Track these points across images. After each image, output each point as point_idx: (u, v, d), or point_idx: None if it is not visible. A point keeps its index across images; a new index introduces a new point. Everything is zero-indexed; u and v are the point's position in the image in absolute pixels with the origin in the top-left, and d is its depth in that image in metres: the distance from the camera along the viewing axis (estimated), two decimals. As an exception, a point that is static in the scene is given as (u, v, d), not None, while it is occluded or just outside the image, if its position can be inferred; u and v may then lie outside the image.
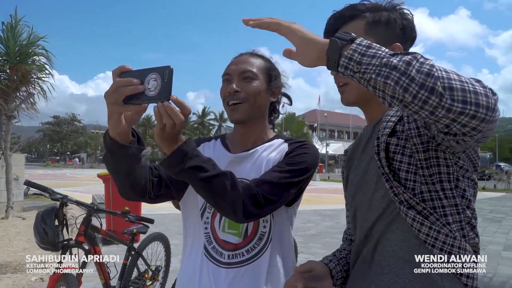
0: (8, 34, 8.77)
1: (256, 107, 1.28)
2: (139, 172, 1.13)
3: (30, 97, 9.22)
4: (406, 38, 1.08)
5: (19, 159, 9.72)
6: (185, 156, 1.02)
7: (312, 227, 8.63)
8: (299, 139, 1.36)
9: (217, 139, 1.42)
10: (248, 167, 1.27)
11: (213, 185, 1.06)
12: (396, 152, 0.95)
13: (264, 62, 1.34)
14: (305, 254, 5.97)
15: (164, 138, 1.00)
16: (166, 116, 0.95)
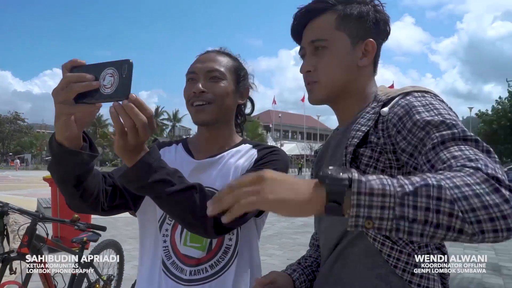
0: None
1: (223, 109, 1.19)
2: (91, 182, 1.01)
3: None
4: (380, 33, 1.03)
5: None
6: (149, 169, 0.91)
7: (268, 227, 8.63)
8: (268, 144, 1.29)
9: (178, 143, 1.31)
10: (214, 174, 1.18)
11: (181, 200, 0.96)
12: (369, 165, 0.89)
13: (233, 61, 1.26)
14: (262, 256, 5.86)
15: (125, 148, 0.87)
16: (125, 117, 0.82)
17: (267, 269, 1.17)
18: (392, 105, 0.88)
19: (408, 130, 0.82)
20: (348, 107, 1.03)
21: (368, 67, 1.02)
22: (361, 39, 1.00)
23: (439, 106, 0.83)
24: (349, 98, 1.02)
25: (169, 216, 1.09)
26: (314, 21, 1.02)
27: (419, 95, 0.87)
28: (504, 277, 4.91)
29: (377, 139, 0.89)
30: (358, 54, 1.00)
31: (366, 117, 0.93)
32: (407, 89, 0.92)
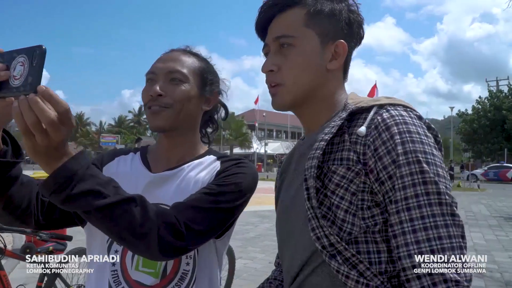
0: None
1: (183, 116, 1.05)
2: (18, 192, 0.89)
3: None
4: (352, 35, 0.92)
5: None
6: (72, 177, 0.75)
7: (251, 229, 8.51)
8: (235, 156, 1.15)
9: (136, 152, 1.16)
10: (172, 190, 1.04)
11: (115, 215, 0.81)
12: (340, 185, 0.78)
13: (199, 62, 1.12)
14: (243, 260, 5.81)
15: (36, 151, 0.72)
16: (27, 112, 0.67)
17: (249, 273, 1.03)
18: (368, 124, 0.79)
19: (383, 167, 0.75)
20: (315, 115, 0.92)
21: (337, 71, 0.92)
22: (332, 40, 0.89)
23: (416, 137, 0.75)
24: (315, 105, 0.91)
25: (106, 235, 0.94)
26: (281, 16, 0.91)
27: (396, 115, 0.78)
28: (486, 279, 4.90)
29: (356, 157, 0.78)
30: (328, 56, 0.89)
31: (331, 125, 0.83)
32: (381, 100, 0.83)
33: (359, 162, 0.77)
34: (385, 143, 0.75)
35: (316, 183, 0.79)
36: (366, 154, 0.77)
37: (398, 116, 0.77)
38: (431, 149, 0.75)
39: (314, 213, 0.77)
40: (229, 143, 37.11)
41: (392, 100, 0.83)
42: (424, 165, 0.72)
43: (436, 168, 0.73)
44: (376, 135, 0.77)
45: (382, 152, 0.75)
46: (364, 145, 0.77)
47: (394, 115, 0.78)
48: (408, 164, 0.72)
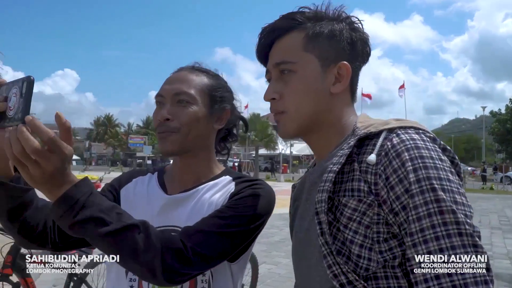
0: None
1: (192, 138, 1.03)
2: (33, 216, 0.91)
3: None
4: (356, 54, 0.88)
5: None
6: (75, 205, 0.76)
7: (275, 233, 8.47)
8: (250, 177, 1.11)
9: (154, 173, 1.16)
10: (187, 212, 1.03)
11: (119, 242, 0.81)
12: (352, 219, 0.73)
13: (207, 79, 1.09)
14: (267, 265, 5.78)
15: (35, 181, 0.73)
16: (14, 143, 0.69)
17: (273, 279, 0.99)
18: (378, 152, 0.74)
19: (396, 197, 0.70)
20: (323, 141, 0.88)
21: (343, 93, 0.87)
22: (333, 62, 0.85)
23: (429, 162, 0.69)
24: (323, 131, 0.87)
25: None
26: (280, 41, 0.88)
27: (407, 139, 0.73)
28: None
29: (368, 188, 0.73)
30: (330, 79, 0.85)
31: (339, 154, 0.78)
32: (390, 123, 0.78)
33: (370, 193, 0.72)
34: (396, 171, 0.70)
35: (328, 217, 0.75)
36: (378, 184, 0.72)
37: (409, 141, 0.72)
38: (446, 174, 0.69)
39: (329, 249, 0.73)
40: (254, 144, 37.15)
41: (403, 122, 0.78)
42: (439, 193, 0.67)
43: (453, 195, 0.67)
44: (386, 163, 0.72)
45: (393, 181, 0.70)
46: (375, 174, 0.73)
47: (405, 139, 0.73)
48: (422, 192, 0.67)
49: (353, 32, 0.87)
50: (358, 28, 0.88)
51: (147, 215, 1.02)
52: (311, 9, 0.89)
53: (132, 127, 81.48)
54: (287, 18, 0.88)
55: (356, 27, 0.88)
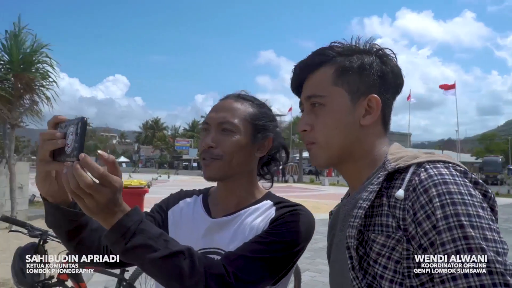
0: (11, 43, 8.73)
1: (234, 165, 1.08)
2: (88, 236, 0.98)
3: (34, 105, 9.17)
4: (387, 87, 0.90)
5: (23, 168, 9.69)
6: (126, 233, 0.83)
7: (320, 239, 8.32)
8: (291, 202, 1.13)
9: (200, 195, 1.22)
10: (229, 235, 1.07)
11: (165, 267, 0.86)
12: (381, 254, 0.74)
13: (252, 108, 1.13)
14: (311, 272, 5.75)
15: (90, 211, 0.81)
16: (71, 179, 0.76)
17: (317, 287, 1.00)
18: (406, 187, 0.74)
19: (423, 233, 0.70)
20: (355, 173, 0.90)
21: (374, 125, 0.89)
22: (363, 95, 0.88)
23: (457, 198, 0.69)
24: (354, 162, 0.89)
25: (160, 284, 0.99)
26: (312, 76, 0.92)
27: (435, 174, 0.73)
28: None
29: (396, 223, 0.74)
30: (360, 112, 0.88)
31: (369, 190, 0.79)
32: (420, 157, 0.78)
33: (399, 229, 0.73)
34: (424, 207, 0.70)
35: (359, 251, 0.76)
36: (406, 219, 0.72)
37: (437, 176, 0.72)
38: (476, 210, 0.68)
39: (359, 283, 0.75)
40: (298, 147, 36.92)
41: (432, 156, 0.78)
42: (468, 230, 0.66)
43: (483, 232, 0.66)
44: (414, 198, 0.72)
45: (421, 217, 0.70)
46: (403, 209, 0.73)
47: (433, 174, 0.73)
48: (450, 229, 0.67)
49: (384, 65, 0.89)
50: (389, 60, 0.90)
51: (192, 237, 1.08)
52: (343, 44, 0.91)
53: (178, 130, 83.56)
54: (318, 54, 0.91)
55: (387, 60, 0.89)
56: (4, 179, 8.93)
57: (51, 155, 0.83)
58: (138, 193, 7.29)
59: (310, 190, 22.85)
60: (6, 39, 8.76)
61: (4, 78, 8.83)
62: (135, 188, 7.29)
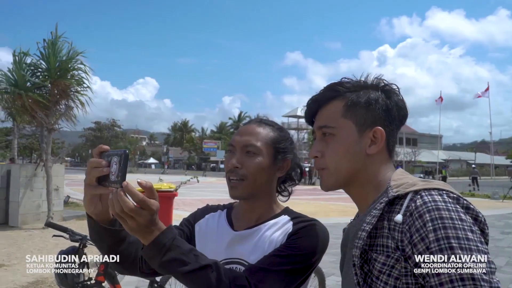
0: (49, 51, 9.13)
1: (257, 185, 1.20)
2: (126, 249, 1.11)
3: (69, 110, 9.55)
4: (392, 119, 1.00)
5: (59, 170, 10.08)
6: (162, 248, 0.96)
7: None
8: (307, 217, 1.24)
9: (224, 210, 1.35)
10: (250, 247, 1.19)
11: (195, 279, 0.98)
12: (382, 272, 0.83)
13: (273, 132, 1.25)
14: (336, 277, 5.77)
15: (131, 230, 0.94)
16: (115, 203, 0.90)
17: None
18: (404, 212, 0.84)
19: (418, 253, 0.79)
20: (361, 196, 1.01)
21: (379, 154, 0.99)
22: (369, 127, 0.98)
23: (448, 223, 0.78)
24: (360, 187, 0.99)
25: None
26: (324, 108, 1.03)
27: (429, 201, 0.82)
28: None
29: (395, 244, 0.83)
30: (366, 142, 0.98)
31: (372, 214, 0.89)
32: (417, 185, 0.87)
33: (397, 249, 0.82)
34: (419, 230, 0.79)
35: (364, 268, 0.86)
36: (403, 241, 0.82)
37: (431, 202, 0.81)
38: (465, 233, 0.77)
39: None
40: (326, 149, 36.61)
41: (428, 184, 0.87)
42: (457, 251, 0.74)
43: (470, 253, 0.75)
44: (411, 223, 0.81)
45: (416, 239, 0.79)
46: (401, 232, 0.82)
47: (427, 201, 0.82)
48: (441, 251, 0.76)
49: (388, 100, 1.00)
50: (394, 95, 1.00)
51: (216, 248, 1.20)
52: (352, 80, 1.02)
53: (206, 131, 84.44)
54: (330, 89, 1.02)
55: (392, 94, 1.00)
56: (41, 181, 9.33)
57: (97, 180, 0.95)
58: (167, 197, 7.46)
59: (337, 193, 22.54)
60: (44, 48, 9.17)
61: (42, 85, 9.23)
62: (164, 192, 7.47)
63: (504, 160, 59.65)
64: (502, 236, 9.46)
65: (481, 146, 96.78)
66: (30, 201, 9.21)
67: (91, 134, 72.36)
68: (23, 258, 6.16)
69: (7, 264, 5.91)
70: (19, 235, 7.99)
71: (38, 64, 9.36)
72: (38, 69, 9.42)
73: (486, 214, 6.59)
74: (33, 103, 8.86)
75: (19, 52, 9.11)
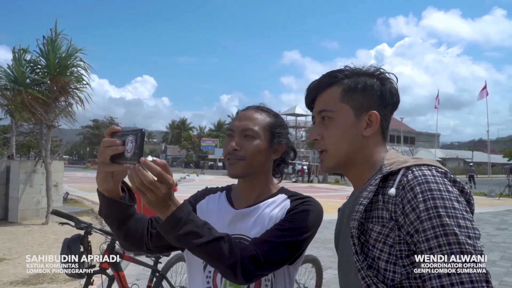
0: (48, 48, 9.15)
1: (255, 165, 1.28)
2: (134, 225, 1.18)
3: (69, 107, 9.58)
4: (385, 104, 1.07)
5: (58, 166, 10.13)
6: (178, 222, 1.03)
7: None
8: (303, 195, 1.35)
9: (223, 191, 1.43)
10: (250, 224, 1.28)
11: (210, 250, 1.06)
12: (378, 240, 0.91)
13: (269, 118, 1.34)
14: (333, 270, 5.85)
15: (150, 204, 1.01)
16: (135, 177, 0.96)
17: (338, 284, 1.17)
18: (397, 186, 0.91)
19: (410, 222, 0.86)
20: (358, 175, 1.07)
21: (374, 136, 1.07)
22: (365, 111, 1.05)
23: (436, 194, 0.85)
24: (357, 167, 1.07)
25: None
26: (323, 93, 1.10)
27: (420, 175, 0.89)
28: None
29: (389, 215, 0.90)
30: (362, 125, 1.05)
31: (368, 189, 0.96)
32: (408, 162, 0.95)
33: (391, 219, 0.89)
34: (410, 201, 0.87)
35: (361, 239, 0.93)
36: (396, 212, 0.89)
37: (420, 177, 0.89)
38: (451, 203, 0.84)
39: (361, 265, 0.91)
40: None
41: (418, 161, 0.95)
42: (444, 219, 0.82)
43: (456, 220, 0.82)
44: (403, 195, 0.89)
45: (408, 210, 0.87)
46: (394, 204, 0.90)
47: (417, 175, 0.89)
48: (430, 219, 0.83)
49: (383, 86, 1.07)
50: (388, 82, 1.08)
51: (218, 226, 1.27)
52: (350, 67, 1.10)
53: (204, 130, 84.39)
54: (329, 75, 1.10)
55: (386, 82, 1.07)
56: (41, 177, 9.38)
57: (110, 159, 1.01)
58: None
59: (334, 190, 22.76)
60: (43, 45, 9.20)
61: (41, 82, 9.26)
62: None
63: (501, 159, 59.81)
64: (498, 232, 9.58)
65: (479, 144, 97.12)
66: (29, 197, 9.26)
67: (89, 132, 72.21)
68: (23, 252, 6.24)
69: (8, 258, 5.97)
70: (18, 231, 8.05)
71: (38, 61, 9.39)
72: (37, 66, 9.45)
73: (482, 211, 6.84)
74: (33, 100, 8.90)
75: (19, 49, 9.15)
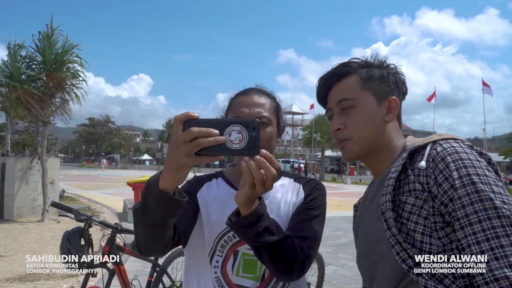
0: (44, 43, 9.05)
1: None
2: (170, 224, 1.04)
3: (65, 103, 9.49)
4: (399, 92, 1.10)
5: (54, 163, 10.04)
6: (260, 217, 0.99)
7: (342, 235, 8.45)
8: (307, 177, 1.39)
9: (218, 177, 1.37)
10: None
11: (280, 249, 1.04)
12: (412, 212, 0.89)
13: (274, 102, 1.31)
14: (333, 266, 5.84)
15: (251, 198, 0.94)
16: (256, 171, 0.88)
17: (339, 280, 1.17)
18: (426, 159, 0.91)
19: (443, 191, 0.86)
20: (380, 161, 1.08)
21: (393, 122, 1.09)
22: (385, 97, 1.08)
23: (468, 162, 0.86)
24: (379, 153, 1.07)
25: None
26: (339, 83, 1.10)
27: (448, 147, 0.90)
28: None
29: (421, 187, 0.89)
30: (383, 111, 1.07)
31: (396, 165, 0.97)
32: (433, 137, 0.96)
33: (424, 191, 0.89)
34: (442, 171, 0.87)
35: (393, 214, 0.91)
36: (429, 183, 0.89)
37: (450, 148, 0.90)
38: (483, 171, 0.85)
39: (395, 239, 0.88)
40: (320, 146, 36.82)
41: (443, 135, 0.96)
42: (478, 185, 0.82)
43: (490, 187, 0.82)
44: (434, 166, 0.89)
45: (441, 179, 0.87)
46: (426, 176, 0.90)
47: (446, 147, 0.90)
48: (464, 186, 0.83)
49: (396, 75, 1.11)
50: (397, 73, 1.10)
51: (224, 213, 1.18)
52: (362, 59, 1.11)
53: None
54: (344, 65, 1.10)
55: (396, 72, 1.10)
56: (37, 174, 9.30)
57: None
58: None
59: (332, 188, 22.80)
60: (39, 40, 9.10)
61: (37, 78, 9.17)
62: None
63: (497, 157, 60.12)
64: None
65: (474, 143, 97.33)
66: (25, 194, 9.17)
67: (85, 130, 71.93)
68: (19, 249, 6.17)
69: (4, 255, 5.90)
70: (14, 228, 7.97)
71: (34, 57, 9.29)
72: (33, 62, 9.34)
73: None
74: (28, 96, 8.81)
75: (14, 44, 9.04)
